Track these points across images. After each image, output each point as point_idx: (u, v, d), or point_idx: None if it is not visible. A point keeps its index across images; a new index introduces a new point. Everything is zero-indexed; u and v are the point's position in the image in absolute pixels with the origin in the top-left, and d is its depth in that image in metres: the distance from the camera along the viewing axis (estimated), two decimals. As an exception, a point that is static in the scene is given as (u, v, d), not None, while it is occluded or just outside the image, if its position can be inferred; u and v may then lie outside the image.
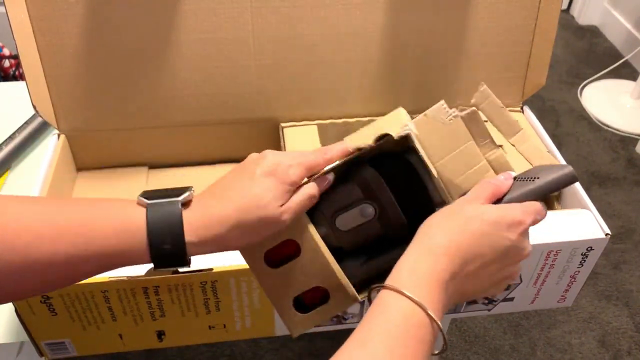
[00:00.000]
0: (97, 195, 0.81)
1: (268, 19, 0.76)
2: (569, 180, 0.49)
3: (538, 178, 0.49)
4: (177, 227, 0.44)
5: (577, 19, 2.49)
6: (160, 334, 0.69)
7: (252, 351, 1.27)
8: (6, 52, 1.36)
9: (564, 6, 2.52)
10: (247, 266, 0.62)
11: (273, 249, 0.50)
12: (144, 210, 0.45)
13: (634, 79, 2.05)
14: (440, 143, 0.50)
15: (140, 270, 0.61)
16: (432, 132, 0.50)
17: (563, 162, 0.77)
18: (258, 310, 0.68)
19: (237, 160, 0.91)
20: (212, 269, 0.61)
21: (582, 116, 1.99)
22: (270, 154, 0.49)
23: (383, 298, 0.42)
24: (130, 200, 0.47)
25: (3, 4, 0.69)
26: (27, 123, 0.91)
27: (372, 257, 0.52)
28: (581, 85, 2.10)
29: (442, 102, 0.51)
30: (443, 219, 0.47)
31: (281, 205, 0.46)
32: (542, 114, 1.98)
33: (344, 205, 0.50)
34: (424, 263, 0.44)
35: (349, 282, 0.50)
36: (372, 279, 0.51)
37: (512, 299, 0.74)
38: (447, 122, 0.51)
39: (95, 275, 0.46)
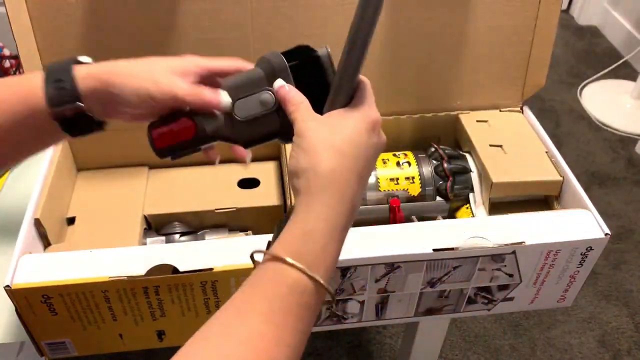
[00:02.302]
0: (98, 196, 0.81)
1: (268, 19, 0.76)
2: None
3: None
4: (68, 64, 0.47)
5: (577, 19, 2.49)
6: (160, 334, 0.69)
7: (252, 351, 1.26)
8: (6, 52, 1.36)
9: (564, 6, 2.52)
10: (247, 266, 0.62)
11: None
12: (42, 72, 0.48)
13: (634, 79, 2.05)
14: None
15: (140, 270, 0.61)
16: None
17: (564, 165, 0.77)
18: (258, 310, 0.68)
19: (238, 160, 0.91)
20: (212, 269, 0.61)
21: (582, 116, 1.99)
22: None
23: (266, 266, 0.40)
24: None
25: (3, 4, 0.69)
26: (27, 123, 0.91)
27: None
28: (581, 85, 2.10)
29: None
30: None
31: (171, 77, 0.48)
32: (542, 114, 1.98)
33: (245, 90, 0.48)
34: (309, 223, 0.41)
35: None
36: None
37: (512, 299, 0.74)
38: None
39: (18, 157, 0.50)
